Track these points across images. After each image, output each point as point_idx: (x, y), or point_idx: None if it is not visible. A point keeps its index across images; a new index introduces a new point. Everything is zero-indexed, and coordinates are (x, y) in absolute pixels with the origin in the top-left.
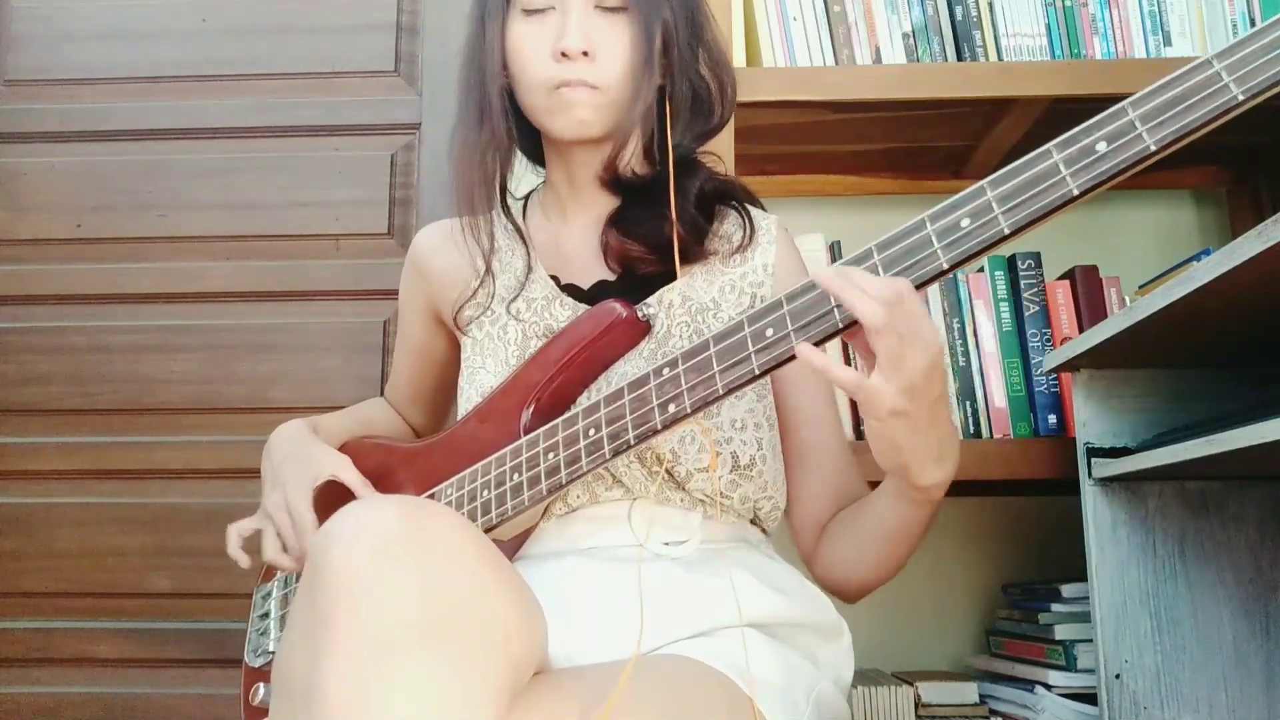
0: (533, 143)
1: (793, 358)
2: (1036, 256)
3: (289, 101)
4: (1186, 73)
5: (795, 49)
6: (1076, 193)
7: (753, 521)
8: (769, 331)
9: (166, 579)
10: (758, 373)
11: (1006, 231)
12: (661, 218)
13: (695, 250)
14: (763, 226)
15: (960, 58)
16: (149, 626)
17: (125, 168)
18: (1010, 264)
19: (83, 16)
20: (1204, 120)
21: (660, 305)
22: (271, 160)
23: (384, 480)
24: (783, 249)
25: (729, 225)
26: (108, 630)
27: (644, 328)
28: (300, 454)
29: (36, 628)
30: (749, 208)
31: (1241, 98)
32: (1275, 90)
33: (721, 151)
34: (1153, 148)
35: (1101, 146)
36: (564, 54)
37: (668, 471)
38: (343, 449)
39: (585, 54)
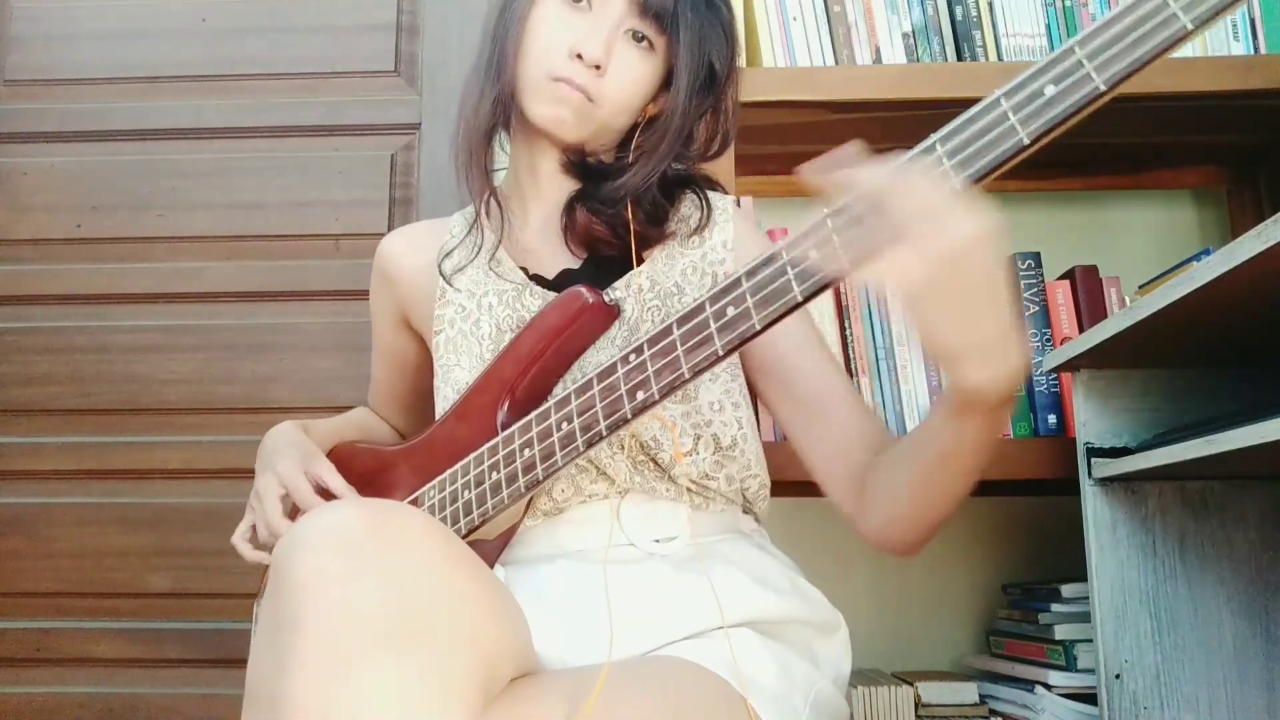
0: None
1: (756, 335)
2: (1036, 256)
3: (289, 101)
4: (1132, 5)
5: (795, 49)
6: (1027, 141)
7: (744, 510)
8: (730, 310)
9: (166, 579)
10: (721, 353)
11: (958, 188)
12: (623, 198)
13: (654, 233)
14: (719, 206)
15: (960, 58)
16: (149, 626)
17: (125, 168)
18: (1010, 264)
19: (83, 16)
20: (1153, 53)
21: (629, 291)
22: (271, 160)
23: (371, 484)
24: (740, 224)
25: (686, 207)
26: (107, 630)
27: (612, 311)
28: (293, 445)
29: (36, 628)
30: (705, 191)
31: (1190, 26)
32: (1221, 17)
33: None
34: (1102, 87)
35: (1049, 90)
36: (579, 56)
37: (652, 460)
38: (330, 454)
39: (597, 67)
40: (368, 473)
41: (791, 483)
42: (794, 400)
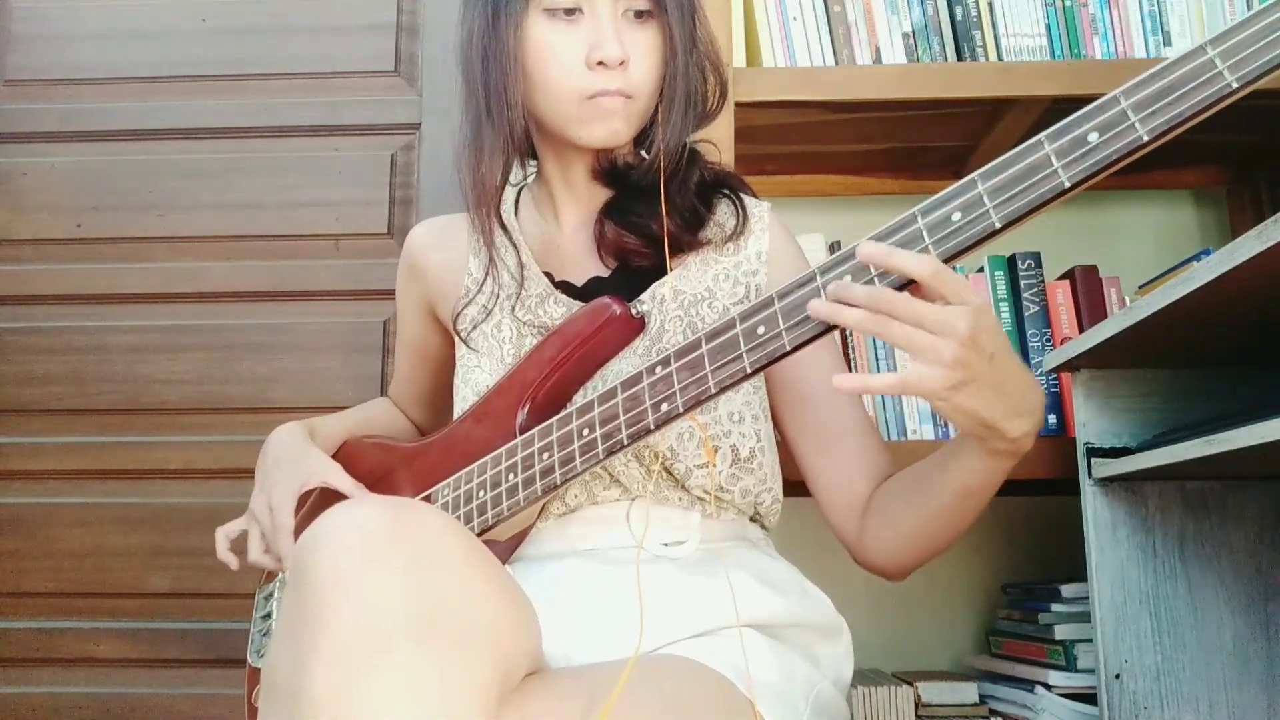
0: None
1: (785, 355)
2: (1036, 256)
3: (289, 101)
4: (1180, 60)
5: (795, 49)
6: (1068, 185)
7: (753, 519)
8: (760, 329)
9: (166, 579)
10: (749, 371)
11: (998, 225)
12: (657, 209)
13: (689, 240)
14: (755, 214)
15: (960, 58)
16: (149, 626)
17: (125, 168)
18: (1010, 264)
19: (83, 16)
20: (1198, 109)
21: (653, 301)
22: (271, 160)
23: (382, 480)
24: (776, 236)
25: (722, 213)
26: (108, 630)
27: (638, 324)
28: (292, 458)
29: (36, 628)
30: (742, 195)
31: (1235, 85)
32: (1269, 77)
33: (722, 152)
34: (1145, 138)
35: (1093, 137)
36: (601, 63)
37: (666, 469)
38: (341, 449)
39: (623, 64)
40: (378, 469)
41: (793, 482)
42: (807, 424)
